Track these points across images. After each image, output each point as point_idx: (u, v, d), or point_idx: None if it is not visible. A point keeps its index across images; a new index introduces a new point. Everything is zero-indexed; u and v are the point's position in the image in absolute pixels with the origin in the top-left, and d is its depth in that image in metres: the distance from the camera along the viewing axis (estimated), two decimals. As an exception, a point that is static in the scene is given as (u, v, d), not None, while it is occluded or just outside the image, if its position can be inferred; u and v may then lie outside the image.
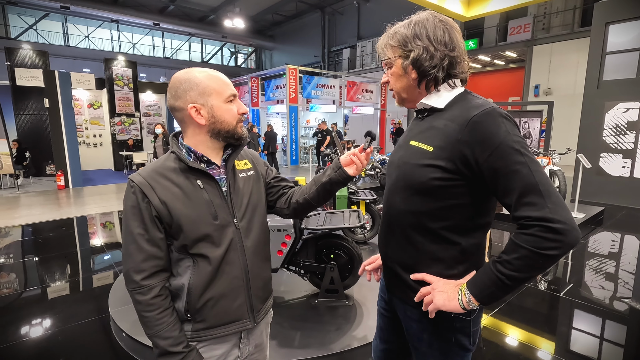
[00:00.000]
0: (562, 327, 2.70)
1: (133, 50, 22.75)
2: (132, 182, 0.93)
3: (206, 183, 0.97)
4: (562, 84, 13.21)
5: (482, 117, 0.85)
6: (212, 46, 26.15)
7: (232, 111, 0.98)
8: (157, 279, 0.94)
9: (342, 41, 21.24)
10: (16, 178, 8.47)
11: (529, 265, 0.79)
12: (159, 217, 0.92)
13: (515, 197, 0.81)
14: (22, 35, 19.19)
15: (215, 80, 0.96)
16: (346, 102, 13.66)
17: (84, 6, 17.57)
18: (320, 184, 1.10)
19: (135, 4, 19.12)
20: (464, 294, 0.87)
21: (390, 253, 1.05)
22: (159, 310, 0.93)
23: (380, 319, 1.23)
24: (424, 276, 0.96)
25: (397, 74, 0.98)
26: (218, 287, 0.96)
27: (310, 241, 2.67)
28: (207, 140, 0.99)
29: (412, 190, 0.95)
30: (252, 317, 1.04)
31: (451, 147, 0.87)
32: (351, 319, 2.47)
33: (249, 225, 1.03)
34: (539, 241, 0.77)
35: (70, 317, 2.76)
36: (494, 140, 0.82)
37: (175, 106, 0.96)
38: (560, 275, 3.58)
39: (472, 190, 0.90)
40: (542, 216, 0.77)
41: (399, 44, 0.94)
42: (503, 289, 0.82)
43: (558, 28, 13.40)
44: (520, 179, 0.80)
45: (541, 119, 7.23)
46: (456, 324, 0.97)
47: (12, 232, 5.13)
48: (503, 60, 15.97)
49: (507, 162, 0.81)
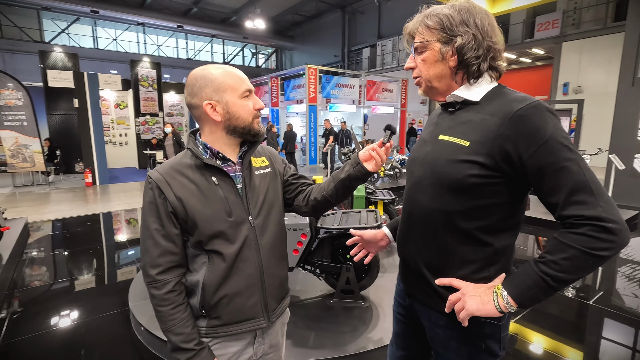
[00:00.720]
0: (591, 336, 2.56)
1: (158, 52, 23.41)
2: (149, 179, 0.94)
3: (221, 180, 0.97)
4: (593, 82, 12.62)
5: (528, 111, 0.79)
6: (233, 47, 26.56)
7: (248, 107, 0.97)
8: (172, 274, 0.94)
9: (363, 40, 21.10)
10: (47, 175, 8.87)
11: (577, 266, 0.75)
12: (175, 213, 0.92)
13: (564, 195, 0.76)
14: (55, 39, 20.11)
15: (230, 76, 0.95)
16: (366, 102, 13.55)
17: (112, 10, 18.28)
18: (338, 180, 1.07)
19: (160, 7, 19.68)
20: (501, 296, 0.81)
21: (415, 254, 0.98)
22: (172, 306, 0.93)
23: (397, 325, 1.17)
24: (451, 281, 0.90)
25: (432, 59, 0.91)
26: (232, 284, 0.96)
27: (327, 241, 2.65)
28: (224, 137, 0.98)
29: (444, 187, 0.88)
30: (267, 316, 1.03)
31: (491, 142, 0.82)
32: (367, 320, 2.43)
33: (264, 222, 1.02)
34: (591, 241, 0.73)
35: (93, 310, 2.84)
36: (542, 135, 0.77)
37: (192, 103, 0.96)
38: (589, 282, 3.40)
39: (511, 188, 0.85)
40: (596, 215, 0.73)
41: (441, 26, 0.88)
42: (546, 291, 0.77)
43: (589, 23, 12.80)
44: (570, 177, 0.75)
45: (570, 119, 6.92)
46: (486, 330, 0.91)
47: (43, 227, 5.37)
48: (529, 57, 15.42)
49: (556, 158, 0.76)
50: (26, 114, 8.23)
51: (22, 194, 7.83)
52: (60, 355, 2.31)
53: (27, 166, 8.32)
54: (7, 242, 3.82)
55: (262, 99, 14.61)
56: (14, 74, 9.01)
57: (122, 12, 18.74)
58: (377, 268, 2.65)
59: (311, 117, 11.66)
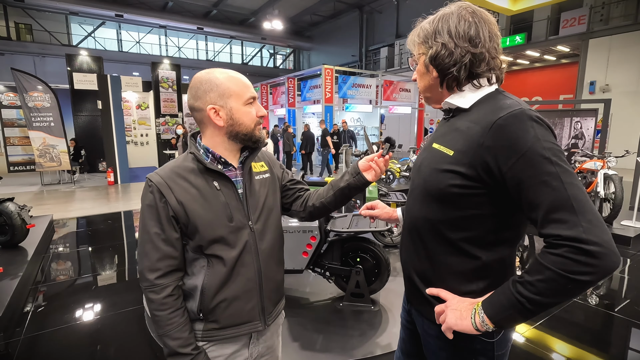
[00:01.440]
0: (615, 348, 2.44)
1: (179, 54, 23.97)
2: (150, 182, 0.94)
3: (223, 185, 0.97)
4: (622, 80, 12.05)
5: (507, 120, 0.76)
6: (252, 48, 26.88)
7: (251, 114, 0.98)
8: (170, 279, 0.94)
9: (381, 40, 20.93)
10: (72, 174, 9.24)
11: (554, 290, 0.69)
12: (176, 217, 0.92)
13: (543, 213, 0.71)
14: (82, 42, 20.91)
15: (235, 82, 0.96)
16: (382, 102, 13.43)
17: (136, 14, 18.90)
18: (338, 188, 1.09)
19: (181, 9, 20.15)
20: (478, 314, 0.78)
21: (409, 261, 0.99)
22: (170, 310, 0.93)
23: (402, 330, 1.17)
24: (439, 292, 0.89)
25: (421, 71, 0.94)
26: (232, 288, 0.97)
27: (336, 243, 2.64)
28: (225, 142, 0.99)
29: (430, 196, 0.88)
30: (263, 319, 1.04)
31: (473, 152, 0.79)
32: (376, 325, 2.40)
33: (264, 227, 1.03)
34: (569, 264, 0.67)
35: (112, 306, 2.93)
36: (520, 147, 0.73)
37: (194, 106, 0.96)
38: (614, 291, 3.25)
39: (494, 200, 0.81)
40: (574, 236, 0.67)
41: (423, 40, 0.90)
42: (523, 313, 0.73)
43: (618, 19, 12.24)
44: (549, 192, 0.70)
45: (596, 119, 6.63)
46: (477, 345, 0.88)
47: (68, 224, 5.59)
48: (554, 55, 14.89)
49: (534, 172, 0.72)
50: (53, 116, 8.59)
51: (49, 192, 8.17)
52: (78, 349, 2.39)
53: (54, 165, 8.68)
54: (33, 238, 3.99)
55: (279, 100, 14.71)
56: (44, 77, 9.43)
57: (145, 15, 19.34)
58: (387, 272, 2.62)
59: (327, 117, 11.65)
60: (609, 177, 4.62)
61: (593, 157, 5.18)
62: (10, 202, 3.73)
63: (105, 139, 9.15)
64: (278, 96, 14.90)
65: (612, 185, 4.55)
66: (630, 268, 3.74)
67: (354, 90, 12.49)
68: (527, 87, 15.80)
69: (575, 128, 6.82)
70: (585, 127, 6.70)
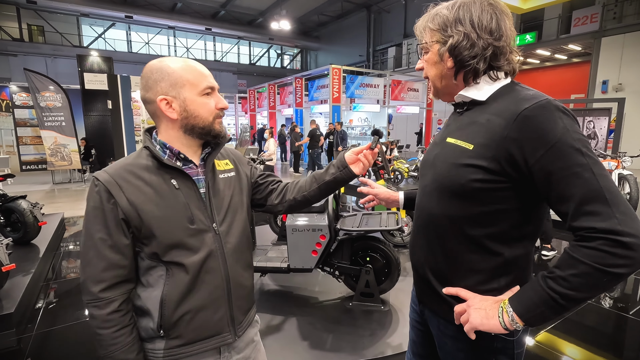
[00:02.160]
0: (630, 351, 2.38)
1: (187, 55, 24.16)
2: (96, 181, 0.83)
3: (182, 183, 0.88)
4: (635, 79, 11.82)
5: (534, 111, 0.73)
6: (259, 48, 26.99)
7: (208, 105, 0.89)
8: (117, 291, 0.84)
9: (388, 39, 20.84)
10: (83, 173, 9.37)
11: (589, 284, 0.67)
12: (127, 220, 0.82)
13: (575, 205, 0.68)
14: (93, 43, 21.21)
15: (190, 71, 0.87)
16: (390, 102, 13.36)
17: (145, 15, 19.12)
18: (323, 182, 1.04)
19: (190, 10, 20.33)
20: (506, 312, 0.75)
21: (423, 260, 0.95)
22: (116, 328, 0.82)
23: (412, 331, 1.14)
24: (458, 291, 0.86)
25: (432, 60, 0.89)
26: (196, 298, 0.87)
27: (346, 242, 2.62)
28: (181, 137, 0.90)
29: (449, 192, 0.85)
30: (233, 330, 0.94)
31: (495, 144, 0.76)
32: (386, 325, 2.38)
33: (229, 229, 0.94)
34: (604, 257, 0.65)
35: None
36: (549, 138, 0.70)
37: (145, 98, 0.88)
38: (629, 293, 3.18)
39: (520, 194, 0.78)
40: (610, 228, 0.65)
41: (439, 27, 0.85)
42: (555, 309, 0.70)
43: (632, 17, 12.01)
44: (581, 184, 0.68)
45: (609, 118, 6.51)
46: (497, 344, 0.85)
47: (78, 222, 5.66)
48: (565, 54, 14.67)
49: (565, 163, 0.69)
50: (64, 115, 8.72)
51: (60, 190, 8.29)
52: (90, 345, 2.41)
53: (64, 164, 8.81)
54: (45, 236, 4.04)
55: (287, 100, 14.72)
56: (55, 77, 9.57)
57: (154, 16, 19.56)
58: (397, 271, 2.59)
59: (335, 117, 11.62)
60: (623, 177, 4.53)
61: (607, 157, 5.08)
62: (23, 200, 3.78)
63: (115, 139, 9.25)
64: (285, 96, 14.92)
65: (627, 186, 4.47)
66: (646, 270, 3.66)
67: (362, 90, 12.44)
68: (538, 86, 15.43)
69: (587, 128, 6.71)
70: (598, 126, 6.59)
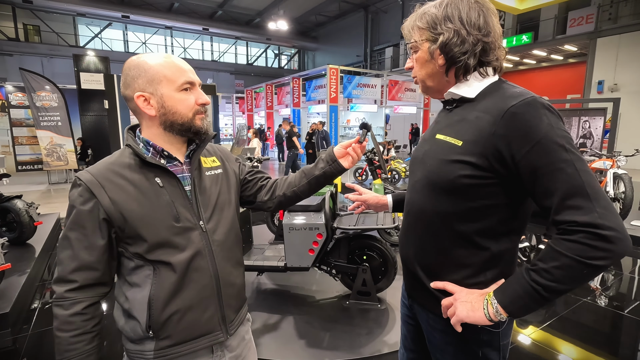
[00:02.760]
0: (626, 349, 2.40)
1: (184, 54, 24.12)
2: (78, 180, 0.81)
3: (166, 181, 0.87)
4: (631, 79, 11.91)
5: (521, 108, 0.75)
6: (257, 48, 26.98)
7: (187, 101, 0.87)
8: (86, 294, 0.81)
9: (386, 40, 20.90)
10: (80, 173, 9.31)
11: (571, 276, 0.70)
12: (109, 221, 0.81)
13: (558, 200, 0.71)
14: (89, 43, 21.12)
15: (168, 67, 0.85)
16: (388, 102, 13.39)
17: (142, 15, 19.06)
18: (313, 177, 1.04)
19: (187, 10, 20.29)
20: (491, 304, 0.77)
21: (412, 256, 0.97)
22: (75, 332, 0.79)
23: (404, 326, 1.15)
24: (445, 285, 0.87)
25: (423, 59, 0.89)
26: (185, 297, 0.86)
27: (343, 241, 2.62)
28: (162, 134, 0.88)
29: (438, 188, 0.86)
30: (225, 329, 0.94)
31: (484, 141, 0.78)
32: (383, 323, 2.38)
33: (217, 227, 0.93)
34: (585, 250, 0.68)
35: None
36: (535, 134, 0.73)
37: (125, 95, 0.87)
38: (624, 292, 3.20)
39: (507, 190, 0.80)
40: (590, 221, 0.68)
41: (427, 25, 0.86)
42: (538, 301, 0.73)
43: (627, 18, 12.10)
44: (564, 179, 0.71)
45: (605, 118, 6.55)
46: (483, 337, 0.87)
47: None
48: (561, 54, 14.76)
49: (549, 159, 0.72)
50: (61, 115, 8.68)
51: (56, 190, 8.24)
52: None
53: (61, 164, 8.77)
54: (41, 236, 4.02)
55: (284, 100, 14.73)
56: (52, 77, 9.53)
57: (151, 16, 19.51)
58: (394, 270, 2.60)
59: (332, 117, 11.64)
60: (618, 176, 4.56)
61: (602, 157, 5.12)
62: (19, 200, 3.77)
63: (112, 139, 9.19)
64: (283, 96, 14.92)
65: (621, 185, 4.50)
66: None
67: (359, 90, 12.47)
68: (534, 86, 15.66)
69: (583, 127, 6.75)
70: (593, 126, 6.63)
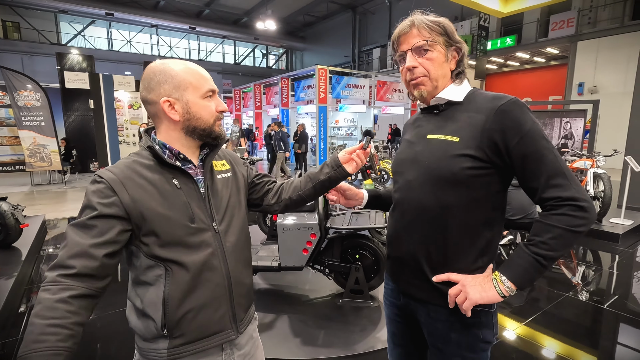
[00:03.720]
0: (606, 341, 2.51)
1: (170, 54, 23.78)
2: (99, 178, 0.83)
3: (183, 183, 0.90)
4: (610, 82, 12.34)
5: (510, 106, 0.90)
6: (244, 48, 26.80)
7: (210, 108, 0.91)
8: (79, 282, 0.76)
9: (373, 41, 21.06)
10: (64, 174, 9.10)
11: (563, 244, 0.84)
12: (127, 218, 0.82)
13: (544, 180, 0.86)
14: (72, 41, 20.62)
15: (192, 74, 0.89)
16: (376, 102, 13.51)
17: (127, 12, 18.69)
18: (318, 181, 1.08)
19: (173, 9, 20.00)
20: (501, 282, 0.88)
21: (414, 252, 1.00)
22: (53, 322, 0.70)
23: (392, 325, 1.20)
24: (449, 276, 0.95)
25: (440, 60, 0.98)
26: (199, 296, 0.88)
27: (336, 240, 2.67)
28: (182, 138, 0.92)
29: (441, 182, 0.94)
30: (235, 327, 0.96)
31: (479, 135, 0.91)
32: (375, 320, 2.44)
33: (228, 228, 0.96)
34: (571, 219, 0.83)
35: (109, 306, 2.91)
36: (524, 127, 0.88)
37: (147, 99, 0.89)
38: (604, 286, 3.34)
39: (501, 178, 0.94)
40: (572, 196, 0.84)
41: (444, 31, 0.97)
42: (539, 270, 0.86)
43: (606, 22, 12.53)
44: (548, 163, 0.86)
45: (585, 119, 6.79)
46: (482, 319, 0.97)
47: (60, 224, 5.52)
48: (543, 57, 15.16)
49: (535, 147, 0.87)
50: (44, 115, 8.47)
51: (39, 192, 8.05)
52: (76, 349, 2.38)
53: (44, 165, 8.55)
54: (26, 239, 3.93)
55: (273, 100, 14.69)
56: (33, 75, 9.28)
57: (136, 14, 19.15)
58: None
59: (321, 117, 11.69)
60: (598, 175, 4.73)
61: (582, 157, 5.30)
62: (4, 202, 3.68)
63: (98, 139, 9.05)
64: (271, 96, 14.88)
65: (601, 184, 4.67)
66: (619, 264, 3.84)
67: (348, 90, 12.54)
68: (518, 88, 16.05)
69: (564, 128, 6.97)
70: (574, 127, 6.85)
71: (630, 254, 4.09)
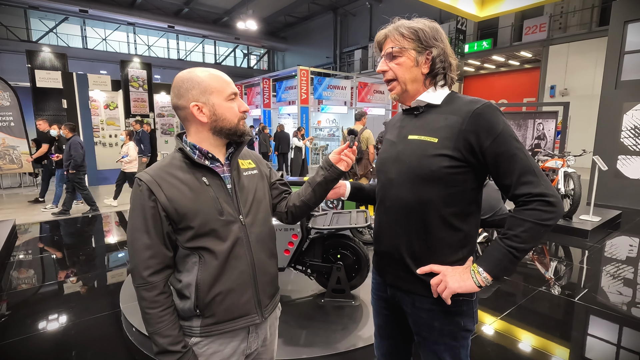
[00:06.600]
0: (577, 333, 2.63)
1: (148, 53, 23.21)
2: (139, 181, 0.95)
3: (211, 180, 1.00)
4: (579, 85, 12.91)
5: (484, 110, 0.96)
6: (225, 48, 26.47)
7: (233, 109, 1.01)
8: (161, 276, 0.96)
9: (354, 42, 21.22)
10: (35, 177, 8.73)
11: (534, 236, 0.91)
12: (166, 214, 0.94)
13: (516, 177, 0.93)
14: (43, 38, 19.79)
15: (216, 79, 0.99)
16: (357, 103, 13.63)
17: (102, 9, 18.06)
18: (316, 184, 1.13)
19: (151, 7, 19.51)
20: (477, 272, 0.96)
21: (398, 246, 1.07)
22: (162, 308, 0.95)
23: (379, 318, 1.25)
24: (431, 267, 1.01)
25: (408, 65, 1.04)
26: (225, 281, 0.98)
27: (317, 241, 2.68)
28: (210, 138, 1.02)
29: (421, 180, 1.01)
30: (260, 312, 1.06)
31: (456, 137, 0.97)
32: (357, 318, 2.46)
33: (254, 221, 1.05)
34: (541, 214, 0.90)
35: (84, 312, 2.83)
36: (496, 129, 0.94)
37: (178, 105, 0.99)
38: (575, 280, 3.49)
39: (475, 175, 1.00)
40: (541, 192, 0.90)
41: (416, 37, 1.02)
42: (513, 261, 0.93)
43: (575, 27, 13.10)
44: (519, 162, 0.93)
45: (556, 120, 7.07)
46: (463, 308, 1.04)
47: (31, 229, 5.29)
48: (518, 60, 15.70)
49: (507, 147, 0.93)
50: (13, 115, 8.10)
51: (9, 195, 7.70)
52: (51, 356, 2.30)
53: (14, 167, 8.18)
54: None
55: (254, 100, 14.58)
56: (1, 73, 8.88)
57: (112, 11, 18.53)
58: (367, 267, 2.69)
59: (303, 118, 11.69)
60: (568, 174, 4.94)
61: (554, 157, 5.52)
62: (-31, 206, 3.51)
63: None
64: (253, 97, 14.78)
65: (571, 182, 4.87)
66: (588, 259, 4.02)
67: (329, 91, 12.60)
68: (494, 90, 16.55)
69: (538, 129, 7.23)
70: (546, 128, 7.12)
71: (599, 249, 4.29)
